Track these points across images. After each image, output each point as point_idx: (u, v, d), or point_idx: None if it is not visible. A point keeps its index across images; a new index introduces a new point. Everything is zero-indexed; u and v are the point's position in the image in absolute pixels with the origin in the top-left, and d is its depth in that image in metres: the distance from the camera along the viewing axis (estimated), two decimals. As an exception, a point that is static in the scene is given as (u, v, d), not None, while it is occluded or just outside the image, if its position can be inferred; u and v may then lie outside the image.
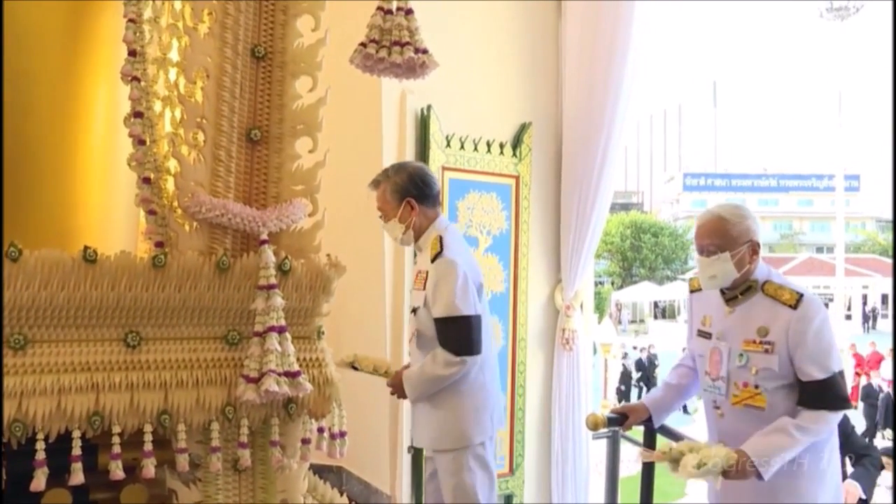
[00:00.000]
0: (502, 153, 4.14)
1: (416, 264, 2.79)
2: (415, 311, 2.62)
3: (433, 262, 2.54)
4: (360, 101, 3.61)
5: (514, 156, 4.18)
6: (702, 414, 2.56)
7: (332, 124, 2.46)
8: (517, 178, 4.20)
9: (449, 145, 3.91)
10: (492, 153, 4.09)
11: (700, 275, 2.35)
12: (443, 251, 2.53)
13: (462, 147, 3.97)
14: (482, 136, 4.05)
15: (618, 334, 16.13)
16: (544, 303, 4.37)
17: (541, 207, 4.31)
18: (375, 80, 2.74)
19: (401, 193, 2.60)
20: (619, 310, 32.86)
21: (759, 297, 2.28)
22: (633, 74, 3.99)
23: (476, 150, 4.03)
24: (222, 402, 2.20)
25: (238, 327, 2.27)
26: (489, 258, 4.09)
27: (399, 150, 3.75)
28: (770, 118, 76.81)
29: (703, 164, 58.98)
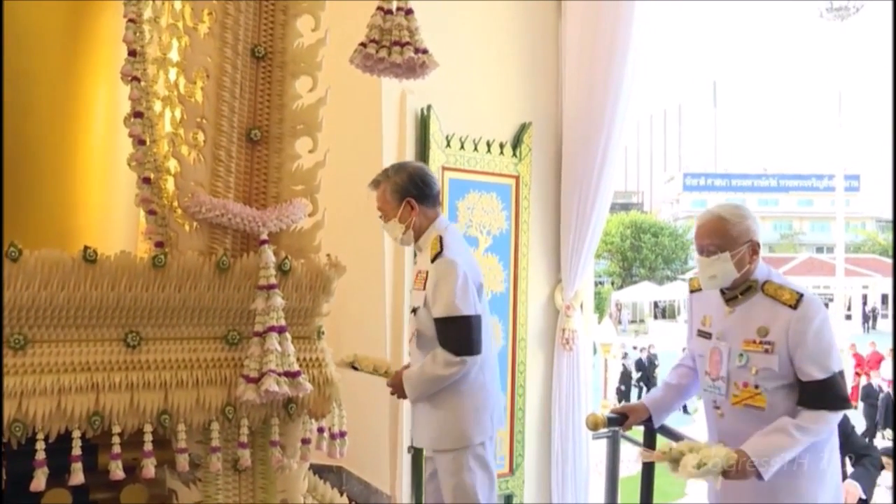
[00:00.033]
0: (502, 153, 4.14)
1: (416, 264, 2.79)
2: (415, 311, 2.62)
3: (433, 262, 2.54)
4: (360, 101, 3.61)
5: (514, 156, 4.18)
6: (702, 414, 2.56)
7: (332, 124, 2.46)
8: (517, 178, 4.20)
9: (449, 145, 3.91)
10: (492, 153, 4.09)
11: (700, 275, 2.35)
12: (443, 251, 2.53)
13: (462, 147, 3.97)
14: (482, 136, 4.06)
15: (618, 334, 16.13)
16: (544, 303, 4.37)
17: (541, 207, 4.31)
18: (375, 80, 2.74)
19: (401, 193, 2.60)
20: (619, 310, 32.85)
21: (759, 297, 2.28)
22: (633, 74, 3.99)
23: (476, 150, 4.03)
24: (222, 402, 2.20)
25: (238, 327, 2.27)
26: (489, 258, 4.09)
27: (399, 150, 3.75)
28: (770, 118, 76.86)
29: (703, 164, 58.98)
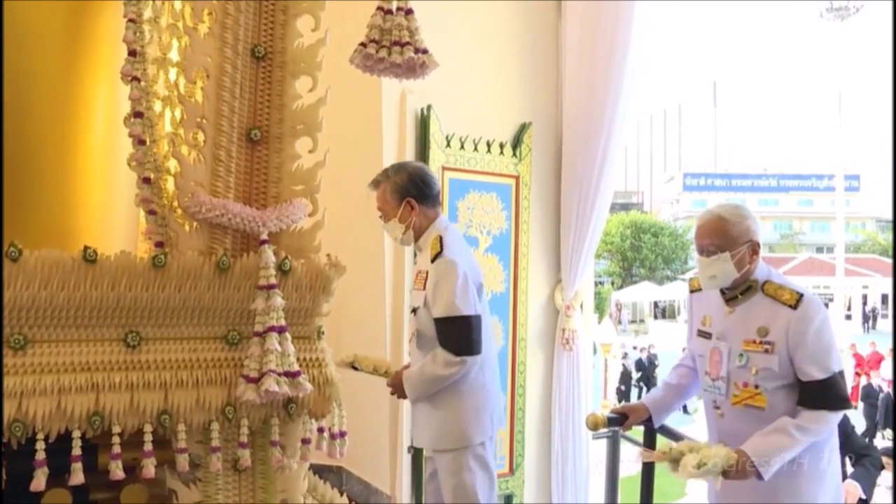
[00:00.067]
0: (502, 153, 4.14)
1: (416, 264, 2.79)
2: (415, 311, 2.62)
3: (433, 262, 2.54)
4: (360, 101, 3.61)
5: (514, 156, 4.18)
6: (702, 414, 2.56)
7: (332, 124, 2.46)
8: (517, 178, 4.20)
9: (449, 145, 3.91)
10: (492, 153, 4.09)
11: (700, 275, 2.35)
12: (443, 251, 2.53)
13: (462, 147, 3.97)
14: (482, 136, 4.05)
15: (618, 334, 16.13)
16: (544, 303, 4.37)
17: (541, 207, 4.31)
18: (375, 80, 2.74)
19: (401, 193, 2.60)
20: (619, 310, 32.85)
21: (759, 297, 2.28)
22: (633, 74, 3.99)
23: (476, 150, 4.03)
24: (222, 402, 2.20)
25: (238, 327, 2.27)
26: (489, 258, 4.09)
27: (399, 150, 3.75)
28: (770, 118, 76.86)
29: (703, 164, 58.98)
